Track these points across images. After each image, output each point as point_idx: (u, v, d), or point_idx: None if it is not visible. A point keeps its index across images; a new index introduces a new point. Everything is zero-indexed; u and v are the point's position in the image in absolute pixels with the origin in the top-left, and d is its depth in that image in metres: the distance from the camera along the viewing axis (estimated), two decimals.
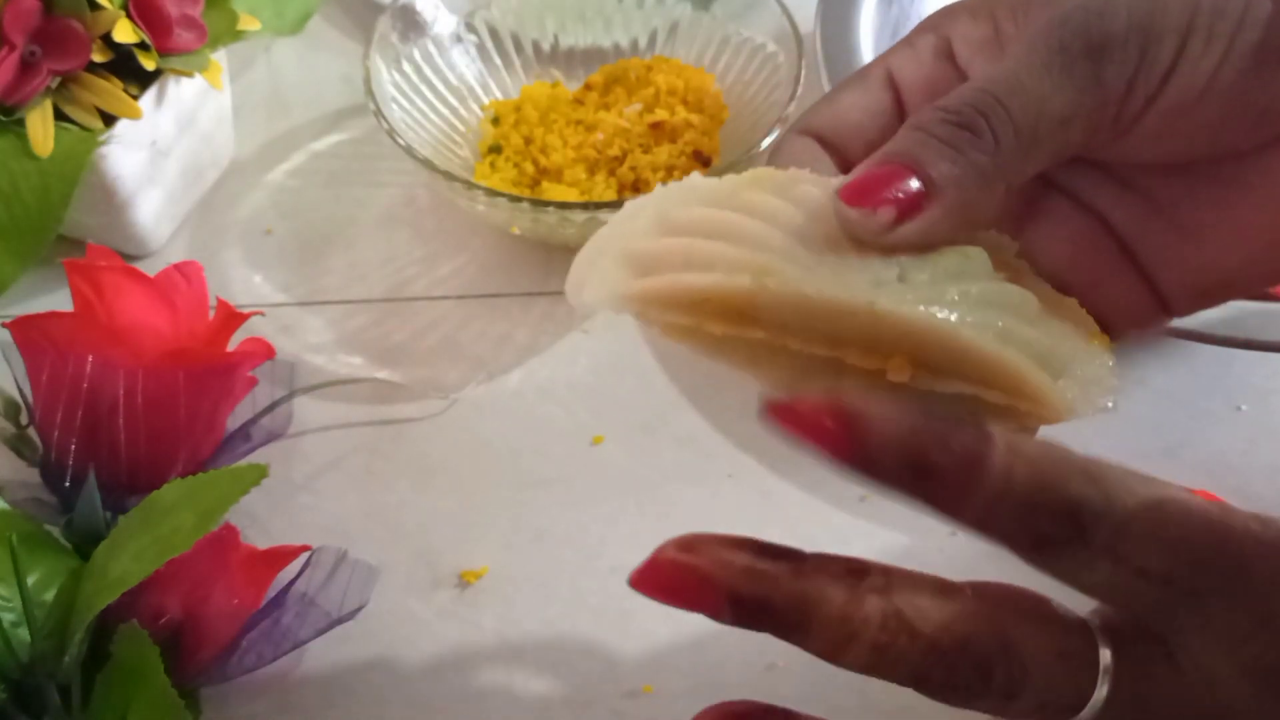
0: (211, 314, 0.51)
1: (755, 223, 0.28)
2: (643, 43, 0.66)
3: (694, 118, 0.61)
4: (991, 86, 0.29)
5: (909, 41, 0.35)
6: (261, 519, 0.52)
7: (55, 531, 0.47)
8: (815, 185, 0.30)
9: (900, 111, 0.34)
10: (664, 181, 0.58)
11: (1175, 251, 0.34)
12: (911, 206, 0.29)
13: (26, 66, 0.52)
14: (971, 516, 0.26)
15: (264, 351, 0.51)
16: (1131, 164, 0.33)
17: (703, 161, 0.60)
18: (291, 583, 0.46)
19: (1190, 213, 0.33)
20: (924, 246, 0.29)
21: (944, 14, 0.35)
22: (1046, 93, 0.29)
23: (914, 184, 0.29)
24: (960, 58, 0.34)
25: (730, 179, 0.31)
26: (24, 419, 0.51)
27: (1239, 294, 0.35)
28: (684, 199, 0.30)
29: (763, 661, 0.49)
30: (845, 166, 0.34)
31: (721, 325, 0.27)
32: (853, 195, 0.29)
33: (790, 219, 0.29)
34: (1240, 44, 0.30)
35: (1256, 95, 0.30)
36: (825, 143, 0.34)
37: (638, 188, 0.59)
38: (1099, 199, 0.34)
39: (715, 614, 0.28)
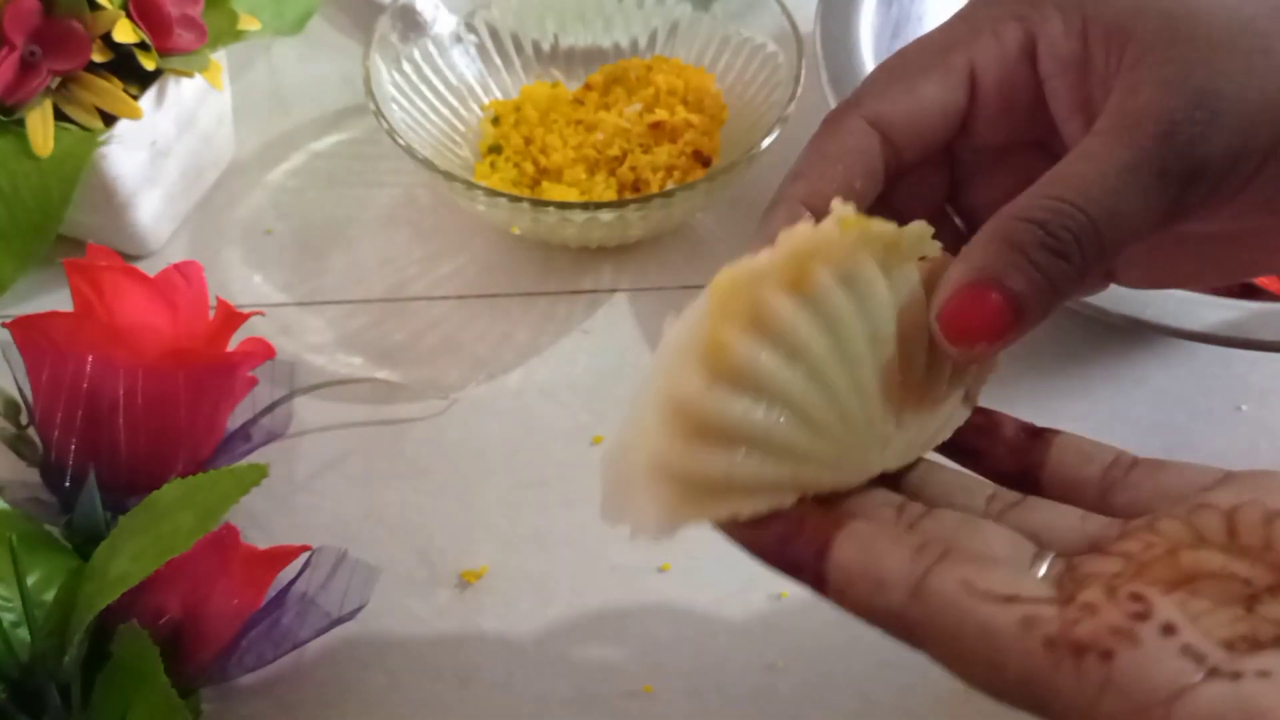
0: (211, 314, 0.51)
1: (768, 417, 0.28)
2: (643, 43, 0.66)
3: (694, 118, 0.61)
4: (1088, 206, 0.29)
5: (994, 27, 0.33)
6: (261, 519, 0.52)
7: (55, 531, 0.47)
8: (776, 299, 0.28)
9: (972, 109, 0.33)
10: (663, 183, 0.59)
11: (1150, 258, 0.34)
12: (1003, 336, 0.29)
13: (26, 66, 0.52)
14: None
15: (264, 351, 0.51)
16: None
17: (702, 162, 0.60)
18: (291, 582, 0.46)
19: (1184, 245, 0.34)
20: None
21: (1031, 3, 0.33)
22: (1139, 212, 0.29)
23: (1005, 311, 0.29)
24: (1042, 68, 0.33)
25: (700, 308, 0.29)
26: (24, 419, 0.51)
27: (1179, 288, 0.39)
28: (675, 362, 0.29)
29: (762, 662, 0.49)
30: (893, 161, 0.33)
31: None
32: (952, 329, 0.29)
33: (786, 388, 0.28)
34: None
35: None
36: (887, 134, 0.33)
37: (638, 187, 0.59)
38: None
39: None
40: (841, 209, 0.29)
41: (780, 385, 0.28)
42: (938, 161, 0.35)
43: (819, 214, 0.31)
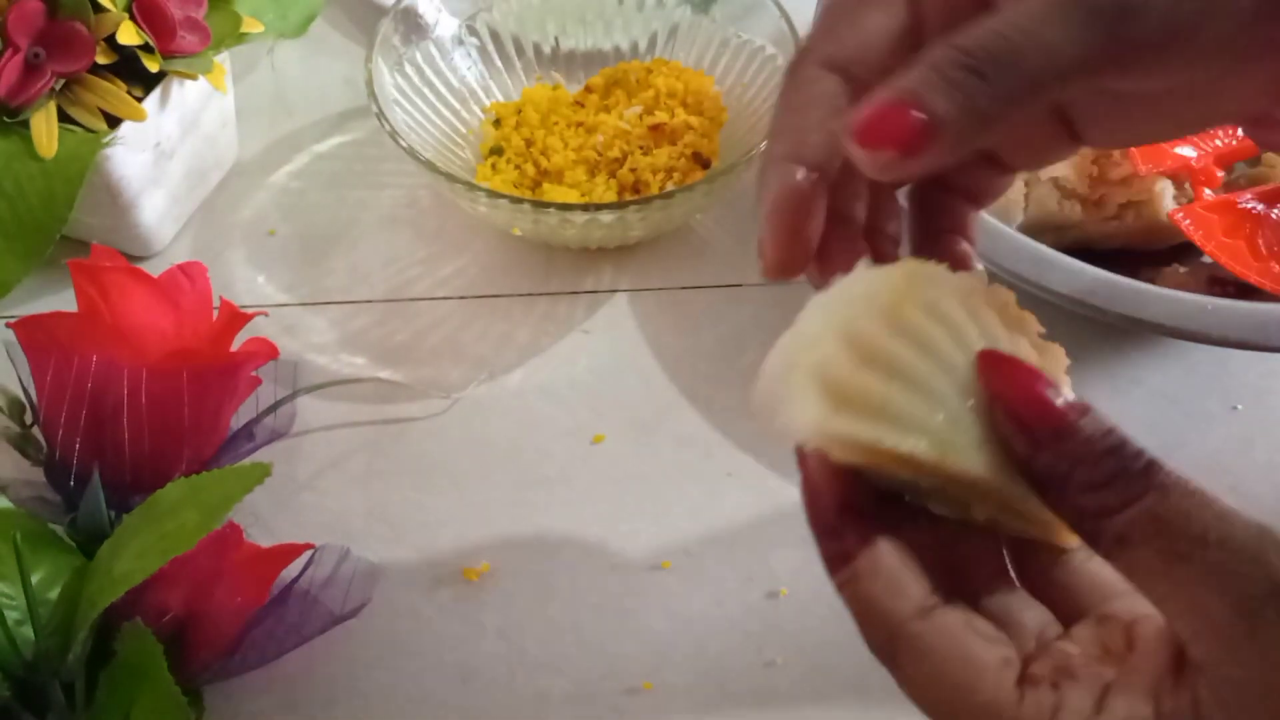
0: (215, 314, 0.51)
1: (932, 373, 0.30)
2: (643, 45, 0.66)
3: (694, 120, 0.61)
4: (1009, 32, 0.29)
5: None
6: (265, 517, 0.52)
7: (59, 530, 0.48)
8: (953, 297, 0.31)
9: (918, 29, 0.33)
10: (663, 184, 0.59)
11: (1110, 113, 0.34)
12: (914, 146, 0.29)
13: (31, 68, 0.52)
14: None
15: (267, 351, 0.51)
16: None
17: (702, 163, 0.60)
18: (294, 580, 0.46)
19: (1137, 98, 0.34)
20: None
21: None
22: (1062, 44, 0.29)
23: (918, 123, 0.29)
24: None
25: (893, 276, 0.31)
26: (29, 418, 0.51)
27: (1145, 144, 0.38)
28: (858, 306, 0.30)
29: (761, 659, 0.49)
30: (857, 94, 0.33)
31: (889, 463, 0.29)
32: (862, 135, 0.29)
33: (949, 360, 0.30)
34: (1259, 9, 0.29)
35: (1246, 48, 0.30)
36: (844, 71, 0.33)
37: (638, 189, 0.59)
38: None
39: None
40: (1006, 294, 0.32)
41: (946, 351, 0.30)
42: None
43: (811, 166, 0.32)
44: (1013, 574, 0.33)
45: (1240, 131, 0.59)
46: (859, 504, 0.31)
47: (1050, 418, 0.28)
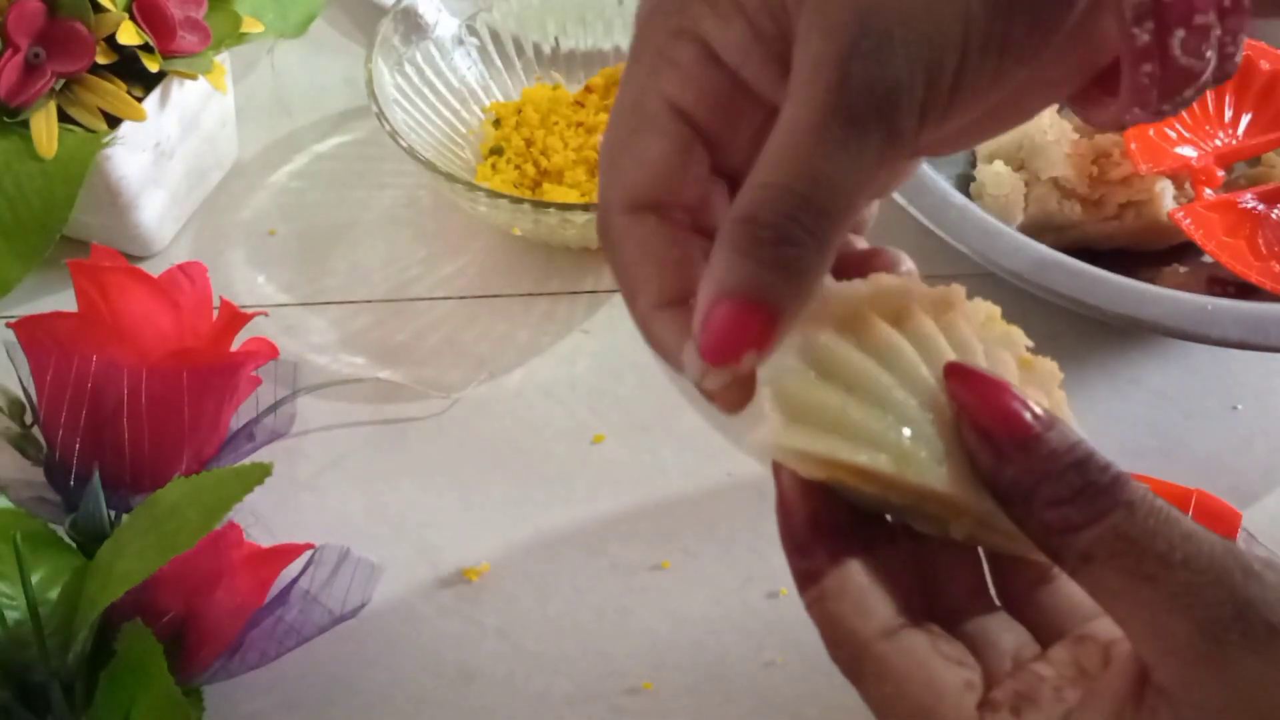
0: (215, 314, 0.51)
1: (892, 385, 0.29)
2: None
3: None
4: (791, 182, 0.28)
5: (665, 57, 0.31)
6: (265, 517, 0.52)
7: (60, 530, 0.48)
8: (922, 307, 0.31)
9: (704, 138, 0.31)
10: None
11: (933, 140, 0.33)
12: (768, 338, 0.28)
13: (31, 68, 0.52)
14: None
15: (267, 351, 0.51)
16: None
17: None
18: (294, 580, 0.46)
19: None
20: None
21: (677, 9, 0.31)
22: (846, 166, 0.28)
23: (761, 318, 0.28)
24: (729, 63, 0.31)
25: (858, 290, 0.31)
26: (29, 418, 0.51)
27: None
28: (821, 320, 0.30)
29: (761, 659, 0.49)
30: (696, 225, 0.32)
31: (851, 478, 0.29)
32: (717, 357, 0.28)
33: (914, 372, 0.30)
34: (1013, 38, 0.28)
35: (1023, 74, 0.30)
36: (655, 208, 0.31)
37: None
38: None
39: None
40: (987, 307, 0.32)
41: (909, 364, 0.30)
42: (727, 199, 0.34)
43: (682, 302, 0.31)
44: (994, 593, 0.33)
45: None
46: (832, 521, 0.30)
47: (1015, 430, 0.28)
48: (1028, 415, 0.28)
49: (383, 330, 0.59)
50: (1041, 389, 0.32)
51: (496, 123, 0.63)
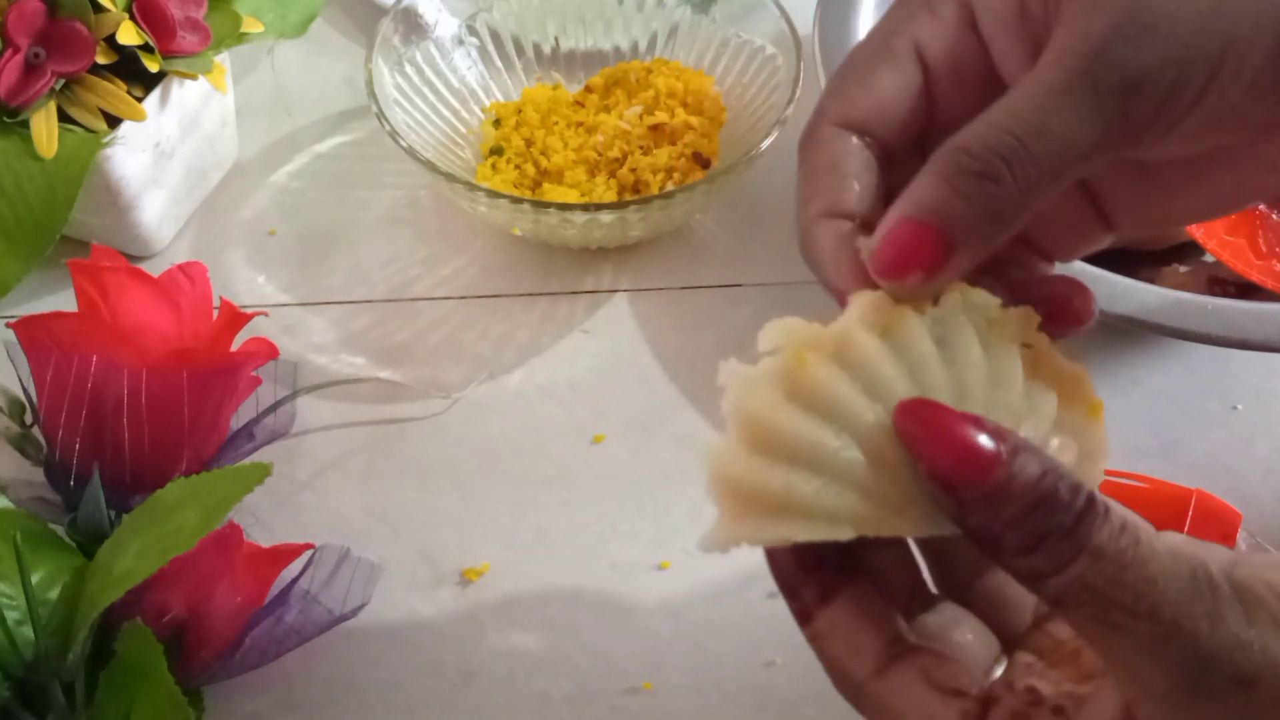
0: (215, 314, 0.51)
1: (840, 446, 0.28)
2: (643, 45, 0.66)
3: (693, 120, 0.61)
4: (1015, 126, 0.29)
5: (930, 7, 0.33)
6: (265, 517, 0.52)
7: (59, 530, 0.48)
8: (861, 333, 0.29)
9: (929, 87, 0.33)
10: (663, 184, 0.59)
11: (1138, 192, 0.34)
12: (936, 265, 0.29)
13: (31, 68, 0.52)
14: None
15: (267, 351, 0.51)
16: None
17: (702, 163, 0.60)
18: (294, 581, 0.46)
19: (1163, 170, 0.34)
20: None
21: None
22: (1073, 129, 0.29)
23: (936, 243, 0.29)
24: (984, 31, 0.33)
25: (793, 333, 0.29)
26: (29, 418, 0.51)
27: (1180, 226, 0.38)
28: (759, 374, 0.29)
29: (761, 659, 0.49)
30: (881, 153, 0.33)
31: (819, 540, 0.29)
32: (884, 268, 0.29)
33: (859, 418, 0.28)
34: (1266, 76, 0.29)
35: (1262, 116, 0.30)
36: (861, 130, 0.33)
37: (638, 189, 0.59)
38: None
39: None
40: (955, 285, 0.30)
41: (852, 414, 0.28)
42: (918, 153, 0.34)
43: (851, 219, 0.32)
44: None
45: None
46: (816, 557, 0.31)
47: (975, 471, 0.27)
48: (987, 445, 0.27)
49: (383, 330, 0.59)
50: (1013, 335, 0.31)
51: (496, 123, 0.63)
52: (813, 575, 0.31)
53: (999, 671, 0.31)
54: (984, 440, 0.27)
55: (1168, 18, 0.29)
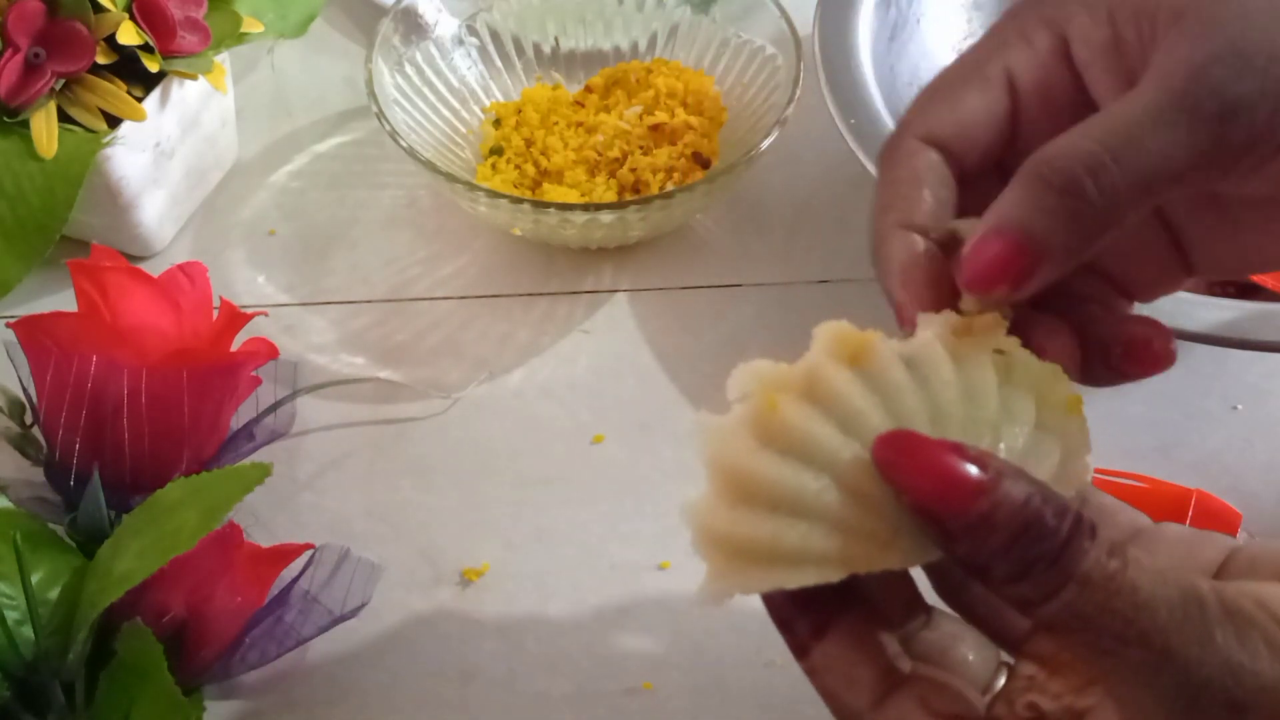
0: (215, 314, 0.51)
1: (821, 489, 0.28)
2: (643, 45, 0.66)
3: (694, 120, 0.61)
4: (1106, 141, 0.29)
5: (1024, 35, 0.33)
6: (265, 517, 0.52)
7: (59, 530, 0.48)
8: (830, 368, 0.29)
9: (1015, 114, 0.34)
10: (663, 184, 0.59)
11: (1218, 232, 0.34)
12: (1023, 279, 0.30)
13: (31, 68, 0.52)
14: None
15: (267, 351, 0.51)
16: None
17: (702, 163, 0.60)
18: (294, 581, 0.46)
19: (1245, 210, 0.34)
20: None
21: (1057, 3, 0.33)
22: (1167, 149, 0.29)
23: (1025, 256, 0.29)
24: (1078, 59, 0.33)
25: (754, 379, 0.29)
26: (28, 418, 0.51)
27: (1260, 273, 0.37)
28: (731, 422, 0.28)
29: (761, 659, 0.49)
30: (959, 172, 0.33)
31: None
32: (974, 282, 0.30)
33: (836, 456, 0.28)
34: None
35: None
36: (943, 147, 0.33)
37: (638, 189, 0.59)
38: None
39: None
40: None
41: (829, 453, 0.28)
42: (996, 176, 0.35)
43: (925, 234, 0.32)
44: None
45: None
46: (811, 590, 0.30)
47: (958, 500, 0.26)
48: (970, 473, 0.27)
49: (383, 330, 0.59)
50: (983, 344, 0.31)
51: (496, 123, 0.63)
52: (807, 609, 0.30)
53: (1001, 681, 0.31)
54: (966, 469, 0.27)
55: (1267, 52, 0.29)
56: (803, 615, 0.30)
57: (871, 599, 0.31)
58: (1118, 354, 0.33)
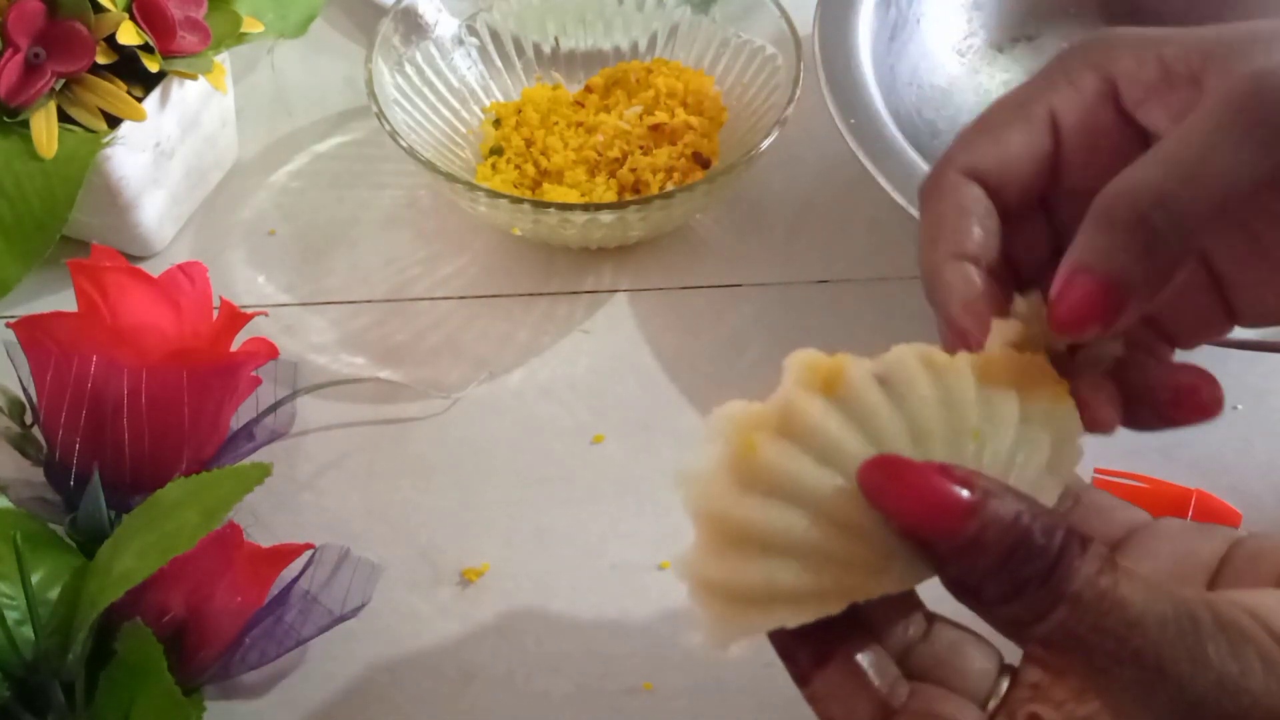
0: (215, 314, 0.51)
1: (808, 525, 0.28)
2: (643, 45, 0.66)
3: (693, 120, 0.61)
4: (1172, 168, 0.29)
5: (1069, 77, 0.34)
6: (265, 517, 0.52)
7: (59, 530, 0.48)
8: (804, 399, 0.28)
9: (1058, 154, 0.34)
10: (663, 184, 0.59)
11: (1264, 279, 0.34)
12: (1111, 317, 0.30)
13: (31, 68, 0.52)
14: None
15: (267, 351, 0.51)
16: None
17: (702, 163, 0.60)
18: (294, 581, 0.46)
19: None
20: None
21: (1103, 49, 0.34)
22: (1232, 167, 0.29)
23: (1111, 297, 0.29)
24: (1127, 99, 0.33)
25: (729, 422, 0.29)
26: (29, 418, 0.51)
27: None
28: (713, 467, 0.28)
29: (761, 659, 0.49)
30: (1000, 208, 0.34)
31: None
32: (1065, 325, 0.30)
33: (820, 489, 0.28)
34: None
35: None
36: (984, 182, 0.34)
37: (638, 189, 0.59)
38: None
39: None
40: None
41: (812, 487, 0.28)
42: (1037, 213, 0.36)
43: (977, 263, 0.33)
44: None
45: None
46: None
47: (947, 523, 0.26)
48: (956, 494, 0.27)
49: (383, 330, 0.59)
50: (1024, 374, 0.31)
51: (496, 123, 0.63)
52: (808, 640, 0.30)
53: (1003, 688, 0.31)
54: (952, 490, 0.27)
55: None
56: (804, 646, 0.30)
57: (871, 617, 0.31)
58: (1165, 400, 0.33)
